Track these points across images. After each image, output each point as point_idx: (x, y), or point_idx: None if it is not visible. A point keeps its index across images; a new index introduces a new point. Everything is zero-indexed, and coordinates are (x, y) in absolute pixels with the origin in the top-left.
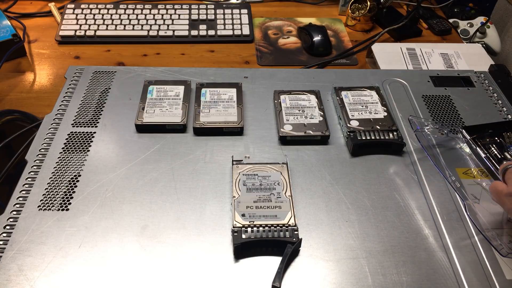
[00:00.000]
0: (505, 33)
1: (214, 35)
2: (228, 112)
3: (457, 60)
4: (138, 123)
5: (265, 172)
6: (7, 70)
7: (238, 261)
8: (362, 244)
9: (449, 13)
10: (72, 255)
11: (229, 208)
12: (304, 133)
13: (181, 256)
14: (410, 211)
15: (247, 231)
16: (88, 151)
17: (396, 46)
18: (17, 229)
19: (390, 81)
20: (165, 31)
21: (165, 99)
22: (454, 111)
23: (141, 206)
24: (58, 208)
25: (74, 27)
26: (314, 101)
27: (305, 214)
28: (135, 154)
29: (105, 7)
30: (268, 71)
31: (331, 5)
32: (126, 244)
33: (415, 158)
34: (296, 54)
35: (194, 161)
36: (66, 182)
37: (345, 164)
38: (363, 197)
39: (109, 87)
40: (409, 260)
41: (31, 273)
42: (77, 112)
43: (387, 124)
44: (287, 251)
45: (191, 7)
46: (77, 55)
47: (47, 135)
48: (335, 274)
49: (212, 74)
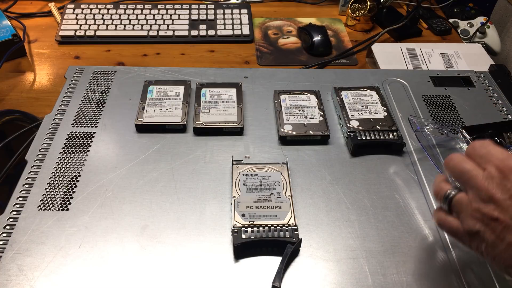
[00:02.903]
0: (505, 33)
1: (214, 35)
2: (228, 112)
3: (457, 60)
4: (138, 123)
5: (265, 172)
6: (7, 70)
7: (238, 261)
8: (362, 244)
9: (449, 13)
10: (72, 255)
11: (229, 208)
12: (304, 133)
13: (181, 256)
14: (410, 211)
15: (247, 231)
16: (88, 151)
17: (396, 46)
18: (17, 229)
19: (390, 81)
20: (165, 31)
21: (165, 99)
22: (454, 111)
23: (141, 206)
24: (58, 208)
25: (74, 27)
26: (314, 101)
27: (305, 214)
28: (135, 154)
29: (105, 7)
30: (268, 71)
31: (331, 5)
32: (126, 244)
33: (415, 158)
34: (296, 54)
35: (194, 161)
36: (66, 182)
37: (345, 164)
38: (363, 197)
39: (109, 87)
40: (409, 260)
41: (31, 273)
42: (77, 112)
43: (387, 124)
44: (287, 251)
45: (191, 7)
46: (77, 55)
47: (47, 135)
48: (335, 274)
49: (212, 74)
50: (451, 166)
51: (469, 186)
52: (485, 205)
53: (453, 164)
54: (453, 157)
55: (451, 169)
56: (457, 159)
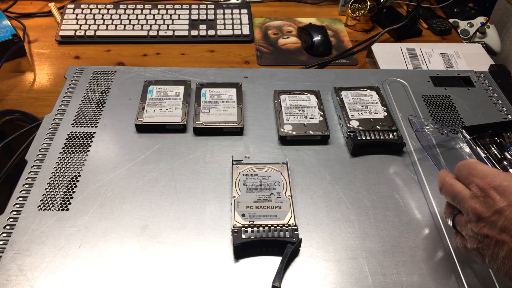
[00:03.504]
0: (505, 33)
1: (214, 35)
2: (228, 112)
3: (457, 60)
4: (138, 123)
5: (265, 172)
6: (7, 70)
7: (238, 261)
8: (362, 244)
9: (449, 13)
10: (72, 255)
11: (229, 208)
12: (304, 133)
13: (181, 256)
14: (410, 211)
15: (247, 231)
16: (88, 151)
17: (396, 46)
18: (17, 229)
19: (390, 81)
20: (165, 31)
21: (165, 99)
22: (454, 111)
23: (141, 206)
24: (58, 208)
25: (74, 27)
26: (314, 101)
27: (305, 214)
28: (135, 154)
29: (105, 7)
30: (268, 71)
31: (331, 5)
32: (126, 244)
33: (415, 158)
34: (296, 54)
35: (194, 161)
36: (66, 182)
37: (345, 164)
38: (363, 197)
39: (109, 87)
40: (409, 260)
41: (31, 273)
42: (77, 112)
43: (387, 124)
44: (287, 251)
45: (191, 7)
46: (77, 55)
47: (47, 135)
48: (335, 274)
49: (212, 74)
50: (445, 191)
51: (461, 207)
52: (476, 225)
53: (446, 189)
54: (445, 182)
55: (445, 193)
56: (448, 182)
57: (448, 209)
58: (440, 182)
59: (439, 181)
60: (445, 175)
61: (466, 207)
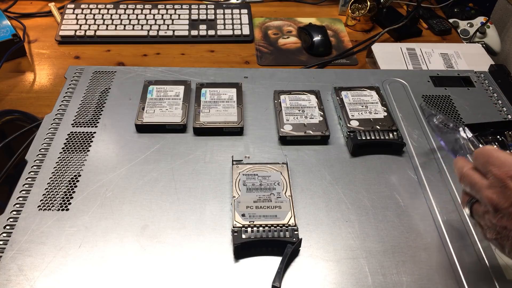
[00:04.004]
0: (505, 33)
1: (214, 35)
2: (228, 112)
3: (457, 60)
4: (138, 123)
5: (265, 172)
6: (7, 70)
7: (238, 261)
8: (362, 244)
9: (449, 13)
10: (72, 255)
11: (229, 208)
12: (304, 133)
13: (181, 256)
14: (410, 211)
15: (247, 231)
16: (88, 151)
17: (396, 46)
18: (17, 229)
19: (390, 81)
20: (165, 31)
21: (165, 99)
22: (454, 111)
23: (141, 206)
24: (58, 208)
25: (74, 27)
26: (314, 101)
27: (305, 214)
28: (135, 154)
29: (105, 7)
30: (268, 71)
31: (331, 5)
32: (126, 244)
33: (415, 158)
34: (296, 54)
35: (194, 161)
36: (66, 182)
37: (345, 164)
38: (363, 197)
39: (109, 87)
40: (409, 260)
41: (31, 273)
42: (77, 112)
43: (387, 124)
44: (287, 251)
45: (191, 7)
46: (77, 55)
47: (47, 135)
48: (335, 274)
49: (212, 74)
50: (463, 181)
51: (479, 197)
52: (494, 216)
53: (464, 180)
54: (463, 172)
55: (463, 182)
56: (465, 173)
57: (465, 198)
58: (458, 172)
59: (458, 171)
60: (463, 164)
61: (483, 197)
